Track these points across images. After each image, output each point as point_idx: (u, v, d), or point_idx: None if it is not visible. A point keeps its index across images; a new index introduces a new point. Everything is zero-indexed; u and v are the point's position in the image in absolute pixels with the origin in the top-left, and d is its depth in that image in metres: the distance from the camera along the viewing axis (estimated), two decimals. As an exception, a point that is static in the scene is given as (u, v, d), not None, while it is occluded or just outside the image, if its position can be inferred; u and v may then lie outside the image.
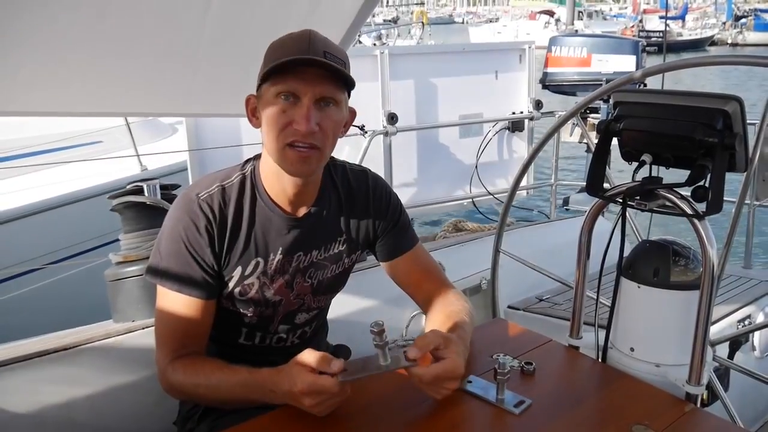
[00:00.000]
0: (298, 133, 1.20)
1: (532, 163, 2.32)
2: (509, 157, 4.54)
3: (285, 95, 1.20)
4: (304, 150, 1.22)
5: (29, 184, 4.32)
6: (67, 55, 1.69)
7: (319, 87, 1.20)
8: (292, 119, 1.20)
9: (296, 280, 1.40)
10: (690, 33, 39.47)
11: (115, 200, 1.93)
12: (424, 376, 1.13)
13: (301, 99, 1.20)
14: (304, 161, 1.24)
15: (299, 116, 1.19)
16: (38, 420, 1.56)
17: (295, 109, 1.20)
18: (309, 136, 1.21)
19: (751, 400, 2.46)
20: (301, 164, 1.24)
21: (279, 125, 1.21)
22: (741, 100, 1.22)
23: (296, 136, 1.21)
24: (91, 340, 1.69)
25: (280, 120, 1.21)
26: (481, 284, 2.65)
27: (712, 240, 1.24)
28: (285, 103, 1.20)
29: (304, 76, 1.19)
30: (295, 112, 1.20)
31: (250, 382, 1.19)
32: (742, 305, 2.48)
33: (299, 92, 1.20)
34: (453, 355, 1.16)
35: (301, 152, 1.22)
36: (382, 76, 3.79)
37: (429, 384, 1.14)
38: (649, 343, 1.38)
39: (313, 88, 1.20)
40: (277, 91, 1.20)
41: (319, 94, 1.21)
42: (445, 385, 1.15)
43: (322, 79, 1.20)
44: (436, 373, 1.13)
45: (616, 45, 4.61)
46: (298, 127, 1.19)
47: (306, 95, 1.20)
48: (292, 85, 1.19)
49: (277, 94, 1.20)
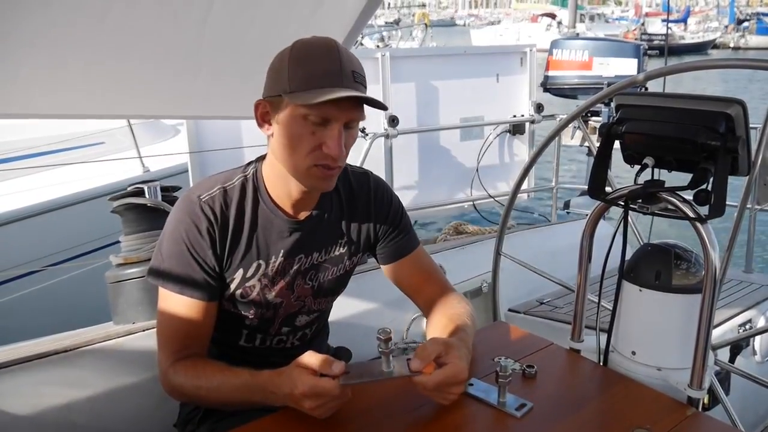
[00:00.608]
0: (329, 157, 1.21)
1: (533, 166, 2.31)
2: (510, 160, 4.54)
3: (317, 119, 1.19)
4: (330, 170, 1.24)
5: (31, 185, 4.32)
6: (67, 57, 1.69)
7: (351, 113, 1.20)
8: (322, 141, 1.20)
9: (297, 282, 1.39)
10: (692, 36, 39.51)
11: (116, 202, 1.93)
12: (428, 384, 1.13)
13: (331, 122, 1.20)
14: (330, 179, 1.27)
15: (331, 142, 1.19)
16: (38, 422, 1.56)
17: (326, 131, 1.20)
18: (338, 160, 1.22)
19: (751, 405, 2.46)
20: (326, 182, 1.27)
21: (308, 146, 1.21)
22: (744, 103, 1.22)
23: (327, 160, 1.22)
24: (91, 342, 1.68)
25: (310, 141, 1.20)
26: (482, 287, 2.65)
27: (715, 243, 1.24)
28: (314, 125, 1.20)
29: (340, 104, 1.17)
30: (325, 134, 1.20)
31: (251, 384, 1.19)
32: (743, 309, 2.47)
33: (332, 118, 1.19)
34: (455, 360, 1.15)
35: (327, 172, 1.24)
36: (383, 79, 3.79)
37: (433, 391, 1.14)
38: (651, 347, 1.37)
39: (346, 114, 1.20)
40: (307, 113, 1.18)
41: (349, 118, 1.21)
42: (450, 390, 1.15)
43: (354, 105, 1.20)
44: (439, 381, 1.13)
45: (617, 48, 4.61)
46: (330, 152, 1.20)
47: (339, 121, 1.20)
48: (327, 113, 1.18)
49: (306, 116, 1.19)
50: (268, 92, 1.25)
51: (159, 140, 5.32)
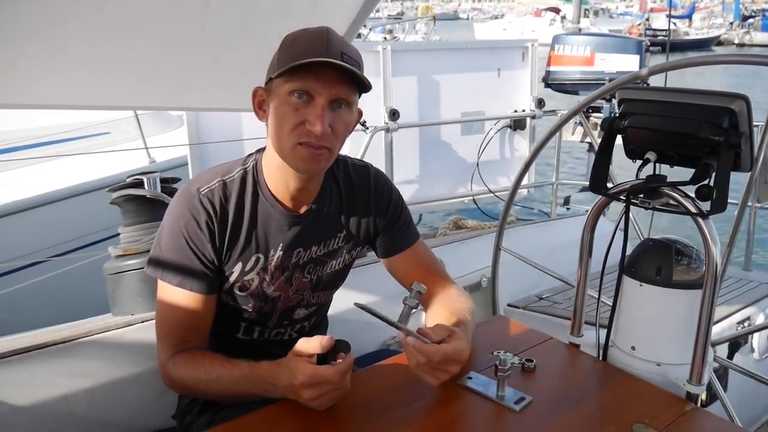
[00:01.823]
0: (311, 134, 1.19)
1: (533, 162, 2.31)
2: (510, 156, 4.54)
3: (299, 93, 1.19)
4: (315, 149, 1.22)
5: (35, 175, 4.31)
6: (66, 48, 1.69)
7: (334, 88, 1.19)
8: (305, 118, 1.19)
9: (295, 276, 1.39)
10: (696, 32, 39.39)
11: (115, 193, 1.93)
12: (435, 354, 1.13)
13: (315, 99, 1.19)
14: (314, 159, 1.24)
15: (313, 117, 1.18)
16: (37, 413, 1.56)
17: (309, 108, 1.19)
18: (322, 138, 1.20)
19: (749, 402, 2.46)
20: (311, 162, 1.24)
21: (291, 123, 1.20)
22: (747, 99, 1.21)
23: (309, 137, 1.20)
24: (89, 334, 1.68)
25: (293, 118, 1.20)
26: (481, 282, 2.65)
27: (716, 239, 1.23)
28: (298, 101, 1.19)
29: (321, 76, 1.17)
30: (308, 111, 1.19)
31: (251, 376, 1.19)
32: (741, 307, 2.48)
33: (314, 92, 1.18)
34: (458, 340, 1.17)
35: (312, 150, 1.22)
36: (384, 72, 3.78)
37: (436, 365, 1.14)
38: (651, 342, 1.37)
39: (329, 89, 1.19)
40: (291, 88, 1.19)
41: (334, 95, 1.20)
42: (447, 368, 1.16)
43: (338, 81, 1.19)
44: (446, 352, 1.14)
45: (619, 44, 4.60)
46: (312, 128, 1.19)
47: (321, 96, 1.19)
48: (308, 84, 1.18)
49: (291, 92, 1.19)
50: (265, 81, 1.26)
51: (165, 131, 5.29)
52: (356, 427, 1.13)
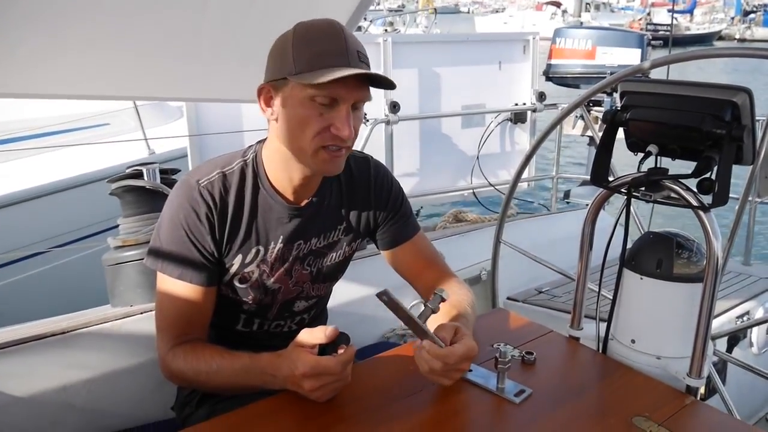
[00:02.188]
0: (338, 138, 1.19)
1: (534, 155, 2.30)
2: (511, 149, 4.52)
3: (324, 99, 1.17)
4: (338, 150, 1.22)
5: (34, 166, 4.29)
6: (66, 36, 1.68)
7: (358, 93, 1.19)
8: (330, 123, 1.19)
9: (295, 268, 1.39)
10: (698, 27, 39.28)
11: (114, 184, 1.92)
12: (450, 357, 1.13)
13: (339, 104, 1.18)
14: (338, 161, 1.25)
15: (340, 122, 1.18)
16: (35, 404, 1.56)
17: (334, 113, 1.18)
18: (348, 140, 1.20)
19: (747, 396, 2.47)
20: (333, 165, 1.25)
21: (316, 128, 1.19)
22: (750, 92, 1.21)
23: (335, 141, 1.20)
24: (88, 325, 1.68)
25: (318, 123, 1.19)
26: (481, 275, 2.65)
27: (717, 232, 1.23)
28: (322, 106, 1.18)
29: (347, 83, 1.16)
30: (333, 116, 1.18)
31: (251, 368, 1.19)
32: (741, 301, 2.48)
33: (340, 98, 1.18)
34: (466, 338, 1.17)
35: (334, 153, 1.22)
36: (384, 65, 3.77)
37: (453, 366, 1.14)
38: (651, 335, 1.37)
39: (354, 94, 1.18)
40: (314, 94, 1.17)
41: (357, 98, 1.20)
42: (460, 366, 1.16)
43: (361, 85, 1.19)
44: (461, 353, 1.14)
45: (621, 38, 4.58)
46: (340, 133, 1.18)
47: (346, 101, 1.18)
48: (336, 92, 1.17)
49: (313, 97, 1.17)
50: (272, 76, 1.23)
51: (165, 122, 5.25)
52: (356, 418, 1.13)
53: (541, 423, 1.11)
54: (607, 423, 1.11)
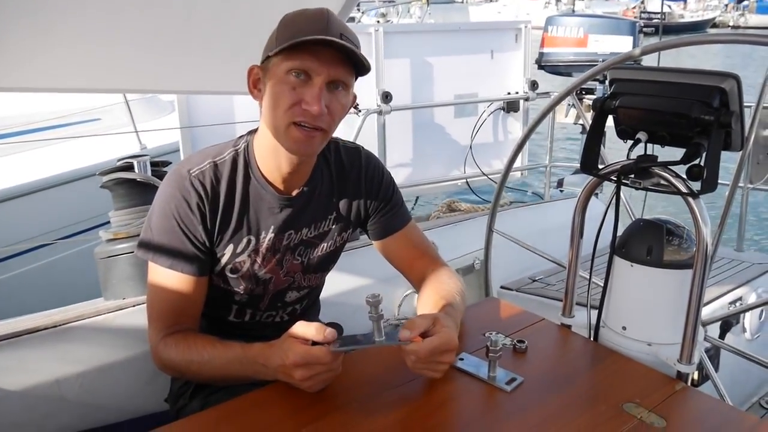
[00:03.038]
0: (308, 113, 1.19)
1: (526, 143, 2.30)
2: (504, 138, 4.52)
3: (297, 72, 1.17)
4: (310, 130, 1.21)
5: (26, 162, 4.27)
6: (55, 29, 1.66)
7: (333, 69, 1.18)
8: (301, 98, 1.18)
9: (286, 258, 1.39)
10: (691, 15, 39.17)
11: (105, 177, 1.92)
12: (421, 351, 1.12)
13: (312, 79, 1.18)
14: (308, 141, 1.23)
15: (310, 96, 1.18)
16: (28, 397, 1.56)
17: (306, 88, 1.18)
18: (318, 118, 1.19)
19: (740, 382, 2.48)
20: (305, 144, 1.23)
21: (287, 102, 1.19)
22: (738, 78, 1.21)
23: (305, 117, 1.19)
24: (81, 318, 1.68)
25: (290, 97, 1.19)
26: (474, 264, 2.65)
27: (707, 219, 1.23)
28: (296, 80, 1.18)
29: (320, 56, 1.16)
30: (305, 91, 1.18)
31: (243, 357, 1.19)
32: (734, 287, 2.48)
33: (312, 72, 1.17)
34: (444, 329, 1.15)
35: (306, 131, 1.21)
36: (376, 54, 3.75)
37: (426, 360, 1.13)
38: (641, 322, 1.37)
39: (328, 70, 1.18)
40: (289, 67, 1.17)
41: (333, 76, 1.19)
42: (441, 359, 1.14)
43: (337, 62, 1.18)
44: (432, 347, 1.12)
45: (612, 25, 4.57)
46: (309, 108, 1.18)
47: (319, 76, 1.18)
48: (306, 63, 1.17)
49: (288, 71, 1.18)
50: (261, 59, 1.24)
51: (156, 116, 5.25)
52: (348, 408, 1.13)
53: (532, 411, 1.12)
54: (598, 410, 1.11)
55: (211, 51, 2.01)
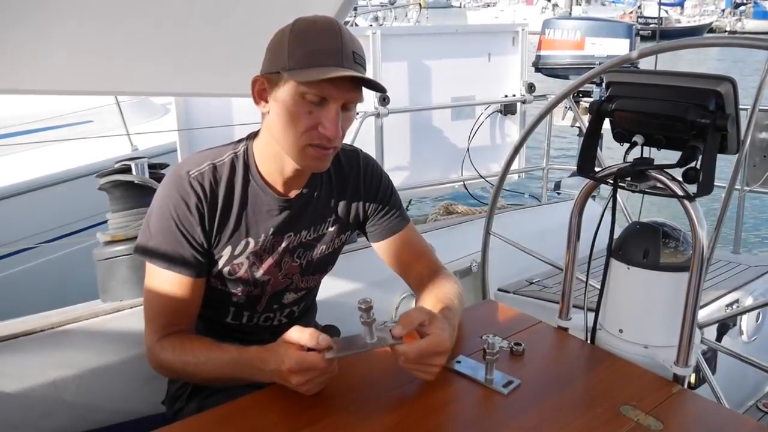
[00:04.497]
0: (324, 137, 1.19)
1: (523, 146, 2.31)
2: (501, 141, 4.53)
3: (315, 97, 1.17)
4: (325, 150, 1.23)
5: (17, 163, 4.26)
6: (51, 31, 1.66)
7: (349, 94, 1.19)
8: (318, 122, 1.19)
9: (285, 260, 1.39)
10: (688, 20, 39.24)
11: (103, 179, 1.91)
12: (410, 353, 1.12)
13: (329, 104, 1.18)
14: (324, 159, 1.25)
15: (328, 122, 1.18)
16: (25, 399, 1.56)
17: (323, 111, 1.18)
18: (334, 140, 1.20)
19: (736, 385, 2.48)
20: (320, 162, 1.26)
21: (304, 125, 1.19)
22: (734, 81, 1.21)
23: (322, 140, 1.20)
24: (78, 320, 1.68)
25: (306, 121, 1.19)
26: (471, 267, 2.66)
27: (703, 221, 1.24)
28: (312, 104, 1.18)
29: (338, 83, 1.16)
30: (322, 114, 1.18)
31: (239, 360, 1.19)
32: (730, 290, 2.49)
33: (330, 97, 1.18)
34: (437, 330, 1.15)
35: (321, 152, 1.23)
36: (374, 57, 3.75)
37: (415, 362, 1.13)
38: (638, 325, 1.38)
39: (344, 95, 1.18)
40: (305, 91, 1.17)
41: (348, 99, 1.20)
42: (431, 362, 1.14)
43: (353, 86, 1.19)
44: (420, 348, 1.12)
45: (609, 28, 4.57)
46: (327, 133, 1.19)
47: (336, 102, 1.18)
48: (325, 91, 1.17)
49: (304, 94, 1.17)
50: (267, 69, 1.23)
51: (148, 119, 5.24)
52: (345, 410, 1.13)
53: (530, 413, 1.12)
54: (595, 412, 1.11)
55: (209, 54, 2.01)
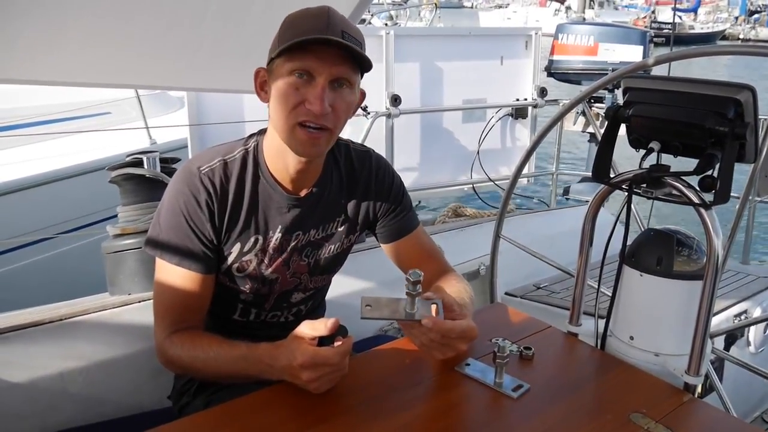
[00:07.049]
0: (311, 113, 1.18)
1: (535, 151, 2.30)
2: (512, 144, 4.52)
3: (299, 73, 1.18)
4: (315, 131, 1.21)
5: (35, 154, 4.28)
6: (68, 24, 1.67)
7: (335, 67, 1.18)
8: (305, 98, 1.18)
9: (293, 259, 1.38)
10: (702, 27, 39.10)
11: (114, 172, 1.92)
12: (452, 331, 1.14)
13: (315, 78, 1.18)
14: (314, 142, 1.23)
15: (313, 96, 1.17)
16: (32, 390, 1.56)
17: (309, 88, 1.18)
18: (321, 117, 1.19)
19: (743, 395, 2.47)
20: (311, 145, 1.23)
21: (291, 103, 1.19)
22: (754, 90, 1.20)
23: (308, 116, 1.19)
24: (86, 312, 1.68)
25: (293, 98, 1.19)
26: (480, 270, 2.65)
27: (718, 230, 1.22)
28: (299, 80, 1.18)
29: (321, 55, 1.16)
30: (308, 91, 1.18)
31: (248, 357, 1.19)
32: (739, 300, 2.47)
33: (314, 71, 1.17)
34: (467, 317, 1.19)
35: (311, 133, 1.21)
36: (386, 57, 3.76)
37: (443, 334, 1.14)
38: (649, 332, 1.37)
39: (330, 69, 1.18)
40: (291, 68, 1.17)
41: (335, 74, 1.19)
42: (455, 344, 1.17)
43: (339, 60, 1.18)
44: (454, 326, 1.15)
45: (623, 34, 4.57)
46: (312, 108, 1.18)
47: (321, 75, 1.18)
48: (307, 63, 1.17)
49: (291, 71, 1.18)
50: (267, 60, 1.24)
51: (166, 112, 5.24)
52: (353, 410, 1.12)
53: (539, 418, 1.11)
54: (605, 419, 1.10)
55: (223, 49, 2.01)
